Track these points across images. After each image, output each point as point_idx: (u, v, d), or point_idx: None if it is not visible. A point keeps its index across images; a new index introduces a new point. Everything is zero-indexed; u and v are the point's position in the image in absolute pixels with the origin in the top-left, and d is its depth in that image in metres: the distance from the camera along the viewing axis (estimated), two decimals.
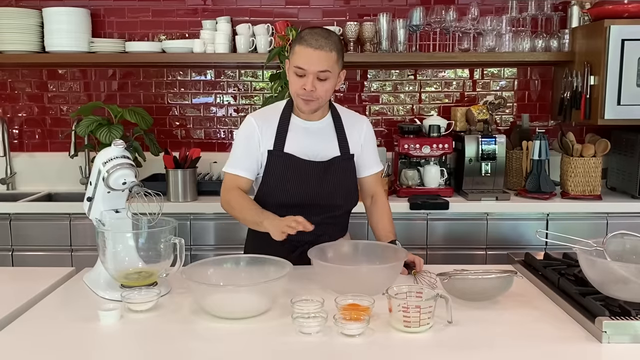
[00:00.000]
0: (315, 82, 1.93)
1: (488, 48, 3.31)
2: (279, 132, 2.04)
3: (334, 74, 1.96)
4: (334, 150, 2.08)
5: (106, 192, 1.79)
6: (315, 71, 1.91)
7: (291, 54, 1.98)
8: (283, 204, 2.01)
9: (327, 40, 1.92)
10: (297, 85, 1.96)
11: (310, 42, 1.91)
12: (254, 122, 2.06)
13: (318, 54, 1.90)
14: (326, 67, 1.92)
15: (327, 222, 2.07)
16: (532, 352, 1.40)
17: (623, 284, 1.50)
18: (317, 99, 1.97)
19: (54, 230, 3.05)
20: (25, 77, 3.58)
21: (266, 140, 2.04)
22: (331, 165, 2.06)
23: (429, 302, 1.48)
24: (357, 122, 2.17)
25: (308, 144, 2.05)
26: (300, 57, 1.92)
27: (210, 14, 3.49)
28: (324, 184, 2.05)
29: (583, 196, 3.15)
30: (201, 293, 1.60)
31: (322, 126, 2.09)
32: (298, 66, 1.93)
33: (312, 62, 1.91)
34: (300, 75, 1.94)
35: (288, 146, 2.04)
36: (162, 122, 3.60)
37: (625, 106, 3.02)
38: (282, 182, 2.03)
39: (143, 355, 1.41)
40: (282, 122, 2.06)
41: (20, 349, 1.43)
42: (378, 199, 2.21)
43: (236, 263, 1.81)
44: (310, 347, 1.42)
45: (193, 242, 3.06)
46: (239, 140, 2.09)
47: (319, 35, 1.92)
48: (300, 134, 2.06)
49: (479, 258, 3.06)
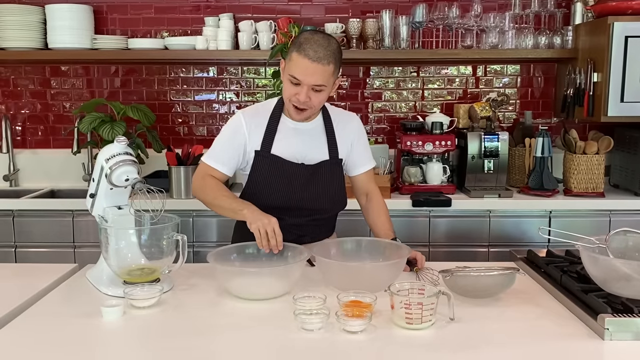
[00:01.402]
0: (309, 93, 1.89)
1: (491, 45, 3.30)
2: (267, 133, 2.01)
3: (329, 85, 1.92)
4: (322, 154, 2.06)
5: (109, 189, 1.79)
6: (311, 84, 1.87)
7: (288, 57, 1.91)
8: (268, 205, 1.97)
9: (326, 51, 1.85)
10: (290, 92, 1.92)
11: (309, 52, 1.84)
12: (243, 120, 2.02)
13: (314, 67, 1.84)
14: (322, 81, 1.87)
15: (312, 224, 2.07)
16: (534, 350, 1.40)
17: (626, 281, 1.50)
18: (310, 108, 1.94)
19: (57, 227, 3.06)
20: (28, 73, 3.59)
21: (254, 140, 2.01)
22: (319, 169, 2.04)
23: (431, 299, 1.48)
24: (347, 121, 2.14)
25: (297, 146, 2.02)
26: (297, 67, 1.86)
27: (212, 10, 3.49)
28: (310, 188, 2.03)
29: (586, 193, 3.14)
30: (226, 276, 1.73)
31: (312, 127, 2.06)
32: (293, 75, 1.88)
33: (308, 75, 1.85)
34: (295, 83, 1.89)
35: (276, 147, 2.01)
36: (164, 119, 3.61)
37: (629, 103, 3.01)
38: (268, 184, 2.02)
39: (145, 352, 1.42)
40: (272, 122, 2.03)
41: (23, 345, 1.43)
42: (373, 197, 2.19)
43: (257, 249, 1.87)
44: (313, 343, 1.42)
45: (195, 239, 3.06)
46: (224, 135, 2.06)
47: (318, 45, 1.85)
48: (289, 135, 2.03)
49: (482, 255, 3.06)
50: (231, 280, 1.73)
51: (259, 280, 1.73)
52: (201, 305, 1.67)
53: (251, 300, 1.69)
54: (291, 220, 1.99)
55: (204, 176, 2.03)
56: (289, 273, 1.74)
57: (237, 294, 1.71)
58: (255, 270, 1.78)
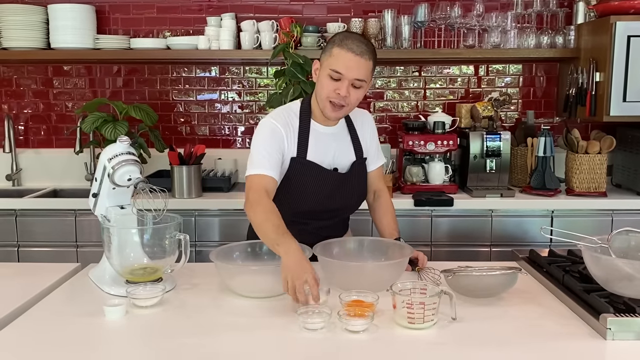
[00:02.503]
0: (350, 89, 1.86)
1: (493, 44, 3.30)
2: (301, 138, 1.97)
3: (367, 82, 1.90)
4: (351, 157, 2.06)
5: (111, 189, 1.80)
6: (353, 78, 1.85)
7: (326, 55, 1.88)
8: (298, 210, 1.97)
9: (367, 47, 1.86)
10: (329, 88, 1.87)
11: (352, 47, 1.83)
12: (278, 125, 1.94)
13: (358, 61, 1.84)
14: (364, 76, 1.86)
15: (336, 223, 2.10)
16: (536, 349, 1.40)
17: (628, 280, 1.50)
18: (348, 105, 1.90)
19: (60, 226, 3.06)
20: (30, 73, 3.59)
21: (289, 145, 1.96)
22: (349, 172, 2.04)
23: (433, 298, 1.48)
24: (363, 119, 2.14)
25: (328, 151, 2.01)
26: (339, 61, 1.84)
27: (214, 10, 3.49)
28: (341, 191, 2.03)
29: (588, 193, 3.14)
30: (229, 274, 1.74)
31: (338, 131, 2.05)
32: (336, 70, 1.84)
33: (352, 68, 1.84)
34: (335, 79, 1.86)
35: (310, 153, 1.98)
36: (167, 119, 3.61)
37: (631, 103, 3.00)
38: (302, 190, 1.98)
39: (148, 351, 1.42)
40: (303, 127, 1.98)
41: (26, 344, 1.43)
42: (381, 195, 2.19)
43: (260, 248, 1.90)
44: (314, 343, 1.43)
45: (198, 238, 3.06)
46: (263, 142, 1.93)
47: (359, 41, 1.86)
48: (320, 141, 2.00)
49: (484, 255, 3.06)
50: (233, 278, 1.73)
51: (261, 278, 1.73)
52: (203, 304, 1.68)
53: (253, 300, 1.70)
54: (320, 223, 2.00)
55: (256, 191, 1.85)
56: None
57: (239, 292, 1.72)
58: (257, 267, 1.79)
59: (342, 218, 2.15)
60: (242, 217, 2.08)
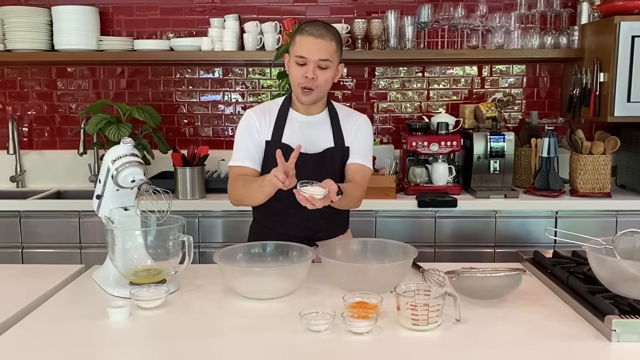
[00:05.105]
0: (316, 71, 1.96)
1: (497, 45, 3.29)
2: (277, 124, 2.09)
3: (334, 63, 2.00)
4: (328, 142, 2.10)
5: (115, 190, 1.80)
6: (316, 59, 1.95)
7: (292, 46, 2.02)
8: (280, 195, 1.95)
9: (327, 30, 1.98)
10: (298, 74, 1.99)
11: (312, 31, 1.96)
12: (253, 115, 2.11)
13: (319, 43, 1.95)
14: (327, 55, 1.96)
15: (325, 217, 2.06)
16: (540, 351, 1.39)
17: (633, 282, 1.50)
18: (317, 87, 1.99)
19: (63, 228, 3.07)
20: (34, 75, 3.60)
21: (265, 131, 2.09)
22: (325, 156, 2.08)
23: (437, 300, 1.47)
24: (354, 116, 2.17)
25: (304, 137, 2.06)
26: (302, 46, 1.97)
27: (218, 11, 3.50)
28: (321, 176, 2.00)
29: (592, 194, 3.13)
30: (232, 275, 1.74)
31: (319, 120, 2.12)
32: (299, 55, 1.97)
33: (313, 51, 1.95)
34: (301, 64, 1.97)
35: (285, 137, 2.07)
36: (170, 120, 3.62)
37: (635, 103, 3.00)
38: None
39: (152, 352, 1.42)
40: (281, 114, 2.11)
41: (30, 346, 1.43)
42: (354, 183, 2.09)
43: (263, 249, 1.92)
44: (318, 344, 1.42)
45: (201, 240, 3.07)
46: (240, 134, 2.12)
47: (318, 26, 1.99)
48: (297, 127, 2.09)
49: (488, 256, 3.05)
50: (237, 280, 1.74)
51: (264, 279, 1.74)
52: (207, 306, 1.68)
53: (257, 301, 1.70)
54: (304, 214, 1.99)
55: (234, 179, 2.08)
56: (295, 272, 1.74)
57: (243, 294, 1.72)
58: (261, 269, 1.79)
59: (333, 212, 2.04)
60: (245, 218, 2.09)
